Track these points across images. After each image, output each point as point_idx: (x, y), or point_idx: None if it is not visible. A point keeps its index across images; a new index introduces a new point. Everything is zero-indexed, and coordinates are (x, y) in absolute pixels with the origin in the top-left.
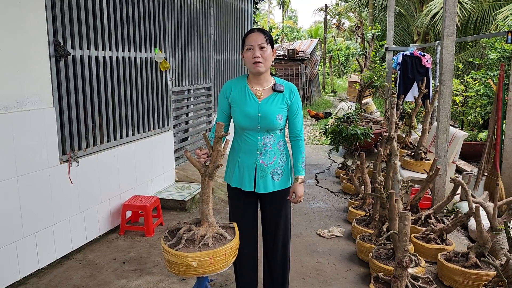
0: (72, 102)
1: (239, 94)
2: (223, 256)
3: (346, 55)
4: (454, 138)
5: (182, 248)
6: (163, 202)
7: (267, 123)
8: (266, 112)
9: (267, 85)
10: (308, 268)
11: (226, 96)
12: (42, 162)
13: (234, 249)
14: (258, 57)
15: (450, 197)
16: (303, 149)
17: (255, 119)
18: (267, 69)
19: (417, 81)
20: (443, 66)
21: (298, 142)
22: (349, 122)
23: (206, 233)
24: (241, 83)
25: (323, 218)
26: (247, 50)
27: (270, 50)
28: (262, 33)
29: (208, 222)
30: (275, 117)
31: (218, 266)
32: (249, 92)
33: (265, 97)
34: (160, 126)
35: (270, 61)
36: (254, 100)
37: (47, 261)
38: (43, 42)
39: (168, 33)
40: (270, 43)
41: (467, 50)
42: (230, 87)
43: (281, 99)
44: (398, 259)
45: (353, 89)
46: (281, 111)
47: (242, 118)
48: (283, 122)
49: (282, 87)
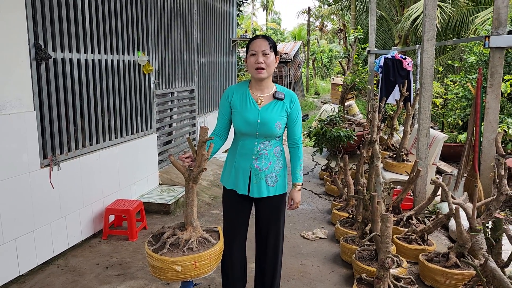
0: (54, 105)
1: (240, 99)
2: (208, 260)
3: (329, 57)
4: (435, 140)
5: (166, 252)
6: (147, 205)
7: (266, 130)
8: (265, 119)
9: (268, 92)
10: (292, 270)
11: (228, 100)
12: (22, 166)
13: (218, 253)
14: (261, 63)
15: (431, 198)
16: (301, 156)
17: (254, 125)
18: (269, 75)
19: (399, 84)
20: (424, 70)
21: (296, 150)
22: (333, 124)
23: (191, 237)
24: (243, 89)
25: (307, 220)
26: (251, 55)
27: (273, 57)
28: (266, 40)
29: (193, 226)
30: (274, 124)
31: (202, 270)
32: (250, 98)
33: (266, 104)
34: (144, 129)
35: (273, 68)
36: (254, 106)
37: (28, 267)
38: (24, 45)
39: (151, 35)
40: (273, 50)
41: (447, 53)
42: (232, 92)
43: (281, 106)
44: (380, 261)
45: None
46: (281, 118)
47: (242, 123)
48: (281, 129)
49: (282, 94)
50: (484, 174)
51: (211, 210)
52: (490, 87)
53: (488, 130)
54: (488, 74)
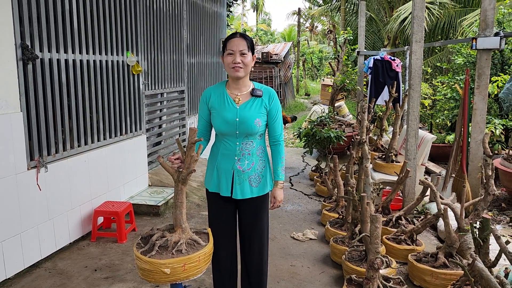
0: (41, 106)
1: (218, 100)
2: (197, 262)
3: (319, 58)
4: (423, 141)
5: (155, 255)
6: (136, 207)
7: (246, 128)
8: (244, 117)
9: (245, 90)
10: (282, 271)
11: (206, 102)
12: (8, 168)
13: (208, 255)
14: (238, 63)
15: (419, 199)
16: (283, 153)
17: (233, 124)
18: (247, 74)
19: (388, 85)
20: (412, 71)
21: (277, 147)
22: (323, 125)
23: (180, 239)
24: (220, 89)
25: (297, 221)
26: (228, 54)
27: (251, 57)
28: (243, 39)
29: (182, 228)
30: (253, 121)
31: (192, 273)
32: (227, 97)
33: (244, 102)
34: (133, 130)
35: (250, 67)
36: (232, 105)
37: (15, 270)
38: (10, 45)
39: (140, 36)
40: (251, 49)
41: (435, 54)
42: (209, 93)
43: (260, 104)
44: (370, 261)
45: (326, 92)
46: (260, 115)
47: (221, 123)
48: (262, 127)
49: (260, 91)
50: (472, 174)
51: (200, 212)
52: (477, 88)
53: (476, 131)
54: (475, 75)
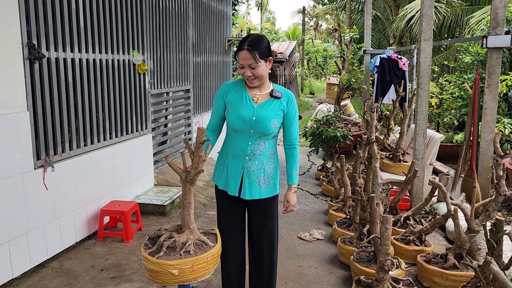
0: (47, 105)
1: (236, 96)
2: (205, 263)
3: (323, 57)
4: (431, 140)
5: (163, 256)
6: (142, 206)
7: (261, 127)
8: (260, 117)
9: (265, 90)
10: (289, 272)
11: (223, 97)
12: (15, 168)
13: (216, 256)
14: (250, 77)
15: (428, 199)
16: (298, 157)
17: (249, 122)
18: (263, 80)
19: (395, 84)
20: (421, 70)
21: (293, 151)
22: (329, 124)
23: (188, 240)
24: (238, 86)
25: (304, 221)
26: (239, 67)
27: (264, 64)
28: (250, 52)
29: (190, 229)
30: (269, 122)
31: (200, 274)
32: (246, 95)
33: (262, 102)
34: (139, 130)
35: (266, 73)
36: (250, 103)
37: (21, 270)
38: (17, 44)
39: (146, 35)
40: (262, 58)
41: (442, 53)
42: (227, 88)
43: (278, 105)
44: (380, 263)
45: (331, 91)
46: (276, 117)
47: (236, 120)
48: (277, 129)
49: (280, 93)
50: (482, 174)
51: (207, 211)
52: (487, 87)
53: (486, 130)
54: (485, 74)
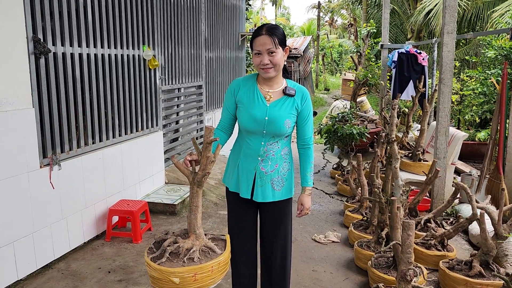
0: (54, 102)
1: (247, 94)
2: (210, 272)
3: (339, 52)
4: (454, 138)
5: (165, 262)
6: (152, 205)
7: (274, 128)
8: (273, 117)
9: (277, 87)
10: (303, 277)
11: (234, 94)
12: (20, 166)
13: (223, 265)
14: (267, 65)
15: (450, 201)
16: (312, 158)
17: (261, 123)
18: (278, 72)
19: (413, 80)
20: (443, 64)
21: (307, 151)
22: (344, 121)
23: (193, 246)
24: (250, 83)
25: (318, 222)
26: (255, 55)
27: (281, 52)
28: (269, 36)
29: (196, 234)
30: (283, 122)
31: (204, 283)
32: (258, 93)
33: (274, 100)
34: (149, 127)
35: (282, 64)
36: (262, 102)
37: (27, 271)
38: (21, 38)
39: (157, 29)
40: (280, 44)
41: (461, 47)
42: (238, 85)
43: (291, 103)
44: (401, 272)
45: (347, 87)
46: (290, 116)
47: (248, 120)
48: (291, 128)
49: (293, 90)
50: (509, 175)
51: (218, 211)
52: None
53: None
54: None
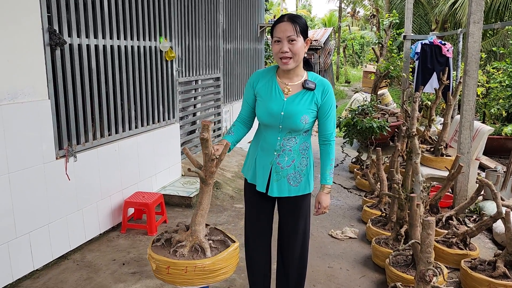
0: (70, 93)
1: (265, 87)
2: (183, 271)
3: (360, 44)
4: (478, 133)
5: (158, 246)
6: (168, 198)
7: (290, 123)
8: (290, 112)
9: (297, 80)
10: (319, 273)
11: (253, 87)
12: (36, 157)
13: (203, 271)
14: (286, 53)
15: (474, 198)
16: (333, 155)
17: (277, 117)
18: (298, 63)
19: (437, 72)
20: (469, 55)
21: (327, 147)
22: (364, 114)
23: (184, 241)
24: (269, 75)
25: (336, 217)
26: (275, 42)
27: (302, 42)
28: (291, 23)
29: (191, 230)
30: (300, 118)
31: (175, 279)
32: (276, 86)
33: (293, 94)
34: (166, 119)
35: (302, 55)
36: (280, 96)
37: (43, 262)
38: (37, 29)
39: (174, 20)
40: (302, 33)
41: (489, 38)
42: (257, 78)
43: (311, 98)
44: (420, 273)
45: (368, 79)
46: (308, 112)
47: (264, 114)
48: (309, 124)
49: (313, 84)
50: None
51: (234, 204)
52: None
53: None
54: None
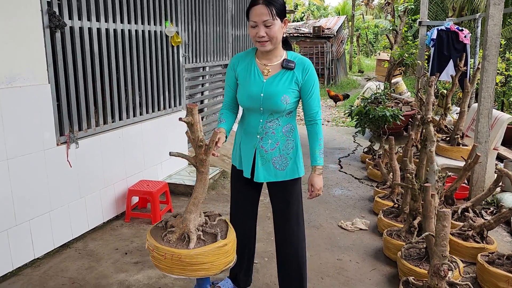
0: (71, 78)
1: (245, 69)
2: (162, 257)
3: (374, 33)
4: (497, 121)
5: (159, 227)
6: (174, 187)
7: (271, 105)
8: (270, 93)
9: (276, 60)
10: (327, 266)
11: (233, 69)
12: (36, 143)
13: (181, 261)
14: (262, 37)
15: (492, 189)
16: (321, 134)
17: (257, 99)
18: (276, 45)
19: (454, 59)
20: (488, 39)
21: (314, 127)
22: (377, 103)
23: (174, 227)
24: (248, 57)
25: (346, 208)
26: (251, 27)
27: (280, 24)
28: (266, 6)
29: (183, 218)
30: (280, 98)
31: (159, 265)
32: (255, 68)
33: (272, 75)
34: (172, 106)
35: (280, 37)
36: (259, 77)
37: (44, 250)
38: (36, 11)
39: (180, 4)
40: (279, 16)
41: (508, 26)
42: (237, 61)
43: (291, 78)
44: (434, 267)
45: (381, 67)
46: (289, 91)
47: (244, 97)
48: (291, 104)
49: (293, 63)
50: None
51: None
52: None
53: None
54: None
